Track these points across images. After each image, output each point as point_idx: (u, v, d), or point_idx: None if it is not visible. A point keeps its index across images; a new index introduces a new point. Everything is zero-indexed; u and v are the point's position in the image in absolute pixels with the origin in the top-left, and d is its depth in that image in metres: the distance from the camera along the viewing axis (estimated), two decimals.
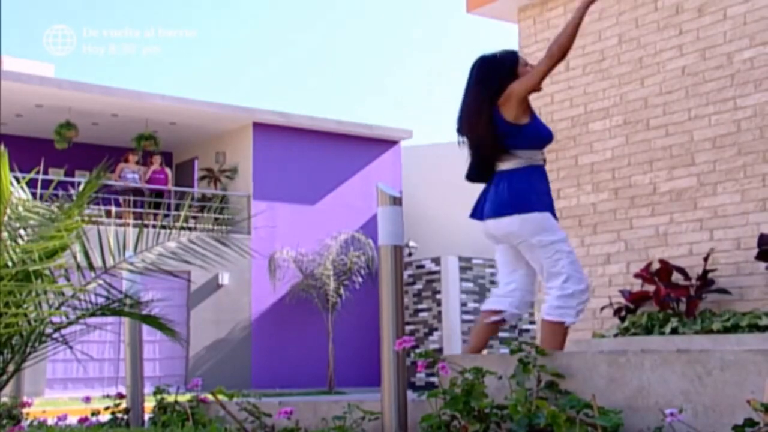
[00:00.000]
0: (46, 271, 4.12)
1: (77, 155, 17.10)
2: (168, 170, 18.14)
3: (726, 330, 5.78)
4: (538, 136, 4.18)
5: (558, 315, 4.04)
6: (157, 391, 4.92)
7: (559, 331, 4.05)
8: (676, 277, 6.45)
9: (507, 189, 4.09)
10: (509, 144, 4.11)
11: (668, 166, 6.91)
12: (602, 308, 6.95)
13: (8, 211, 4.06)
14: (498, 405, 3.15)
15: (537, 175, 4.15)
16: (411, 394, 3.63)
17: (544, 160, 4.24)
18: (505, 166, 4.14)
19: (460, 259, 17.85)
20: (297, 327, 17.64)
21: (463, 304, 17.73)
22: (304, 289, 17.26)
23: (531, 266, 4.20)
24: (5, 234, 4.03)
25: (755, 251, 6.09)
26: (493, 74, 4.15)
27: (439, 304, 17.78)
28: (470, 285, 17.90)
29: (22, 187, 4.30)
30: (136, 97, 16.92)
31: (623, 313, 6.62)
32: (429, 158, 20.41)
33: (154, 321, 4.49)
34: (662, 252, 6.80)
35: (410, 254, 18.69)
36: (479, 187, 4.45)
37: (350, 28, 50.34)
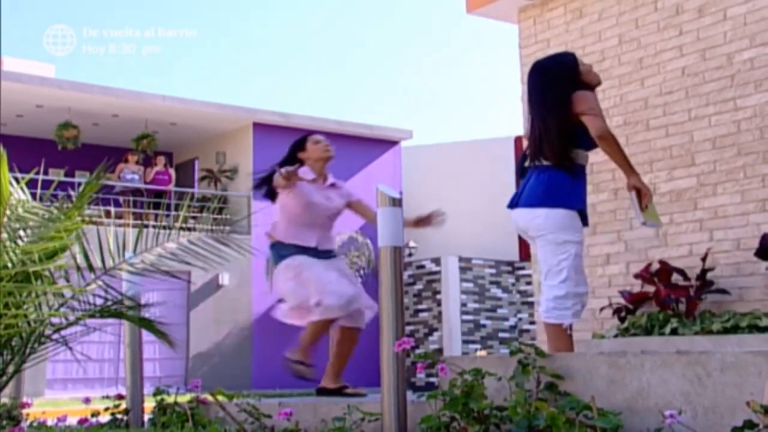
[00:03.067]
0: (46, 273, 4.11)
1: (77, 156, 17.09)
2: (171, 171, 18.16)
3: (726, 331, 5.78)
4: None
5: (555, 317, 4.11)
6: (157, 392, 4.91)
7: (560, 333, 4.10)
8: (675, 277, 6.45)
9: (545, 182, 4.17)
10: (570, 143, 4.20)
11: (668, 166, 6.91)
12: (602, 309, 6.94)
13: (8, 212, 4.06)
14: (497, 406, 3.15)
15: (577, 173, 4.23)
16: (411, 395, 3.63)
17: (586, 158, 4.33)
18: (550, 161, 4.22)
19: (460, 259, 17.85)
20: (297, 327, 17.60)
21: (463, 305, 17.73)
22: None
23: None
24: (5, 235, 4.02)
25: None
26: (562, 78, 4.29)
27: (439, 304, 17.78)
28: (470, 285, 17.90)
29: (21, 188, 4.30)
30: (136, 98, 16.92)
31: (623, 314, 6.62)
32: (429, 158, 20.41)
33: (150, 326, 4.47)
34: (662, 252, 6.80)
35: (410, 254, 18.69)
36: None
37: (350, 28, 50.33)
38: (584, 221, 4.30)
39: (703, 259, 6.34)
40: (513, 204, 4.35)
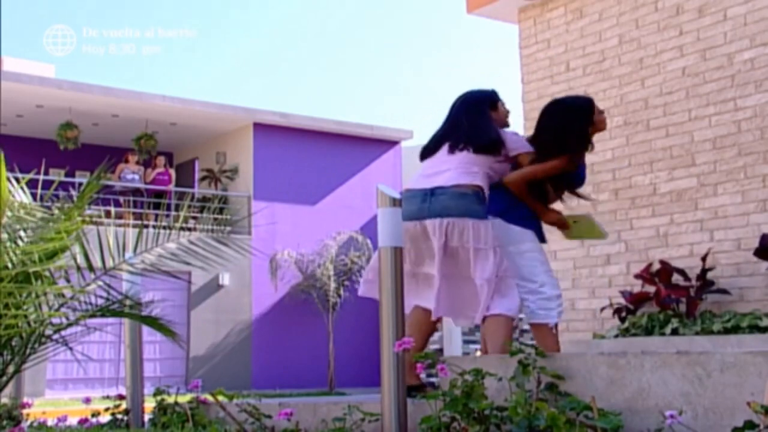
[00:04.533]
0: (46, 273, 4.11)
1: (77, 156, 17.09)
2: (171, 171, 18.16)
3: (726, 331, 5.78)
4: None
5: (542, 317, 4.33)
6: (157, 392, 4.91)
7: (547, 332, 4.33)
8: (676, 277, 6.45)
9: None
10: None
11: (668, 166, 6.91)
12: (602, 309, 6.94)
13: (8, 212, 4.06)
14: (498, 407, 3.15)
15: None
16: None
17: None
18: None
19: None
20: (297, 327, 17.63)
21: None
22: (304, 289, 17.25)
23: None
24: (5, 235, 4.02)
25: None
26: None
27: None
28: None
29: (21, 188, 4.30)
30: (136, 98, 16.91)
31: (623, 314, 6.61)
32: None
33: (153, 322, 4.48)
34: (662, 253, 6.80)
35: None
36: None
37: (350, 28, 50.36)
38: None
39: (704, 259, 6.34)
40: None
